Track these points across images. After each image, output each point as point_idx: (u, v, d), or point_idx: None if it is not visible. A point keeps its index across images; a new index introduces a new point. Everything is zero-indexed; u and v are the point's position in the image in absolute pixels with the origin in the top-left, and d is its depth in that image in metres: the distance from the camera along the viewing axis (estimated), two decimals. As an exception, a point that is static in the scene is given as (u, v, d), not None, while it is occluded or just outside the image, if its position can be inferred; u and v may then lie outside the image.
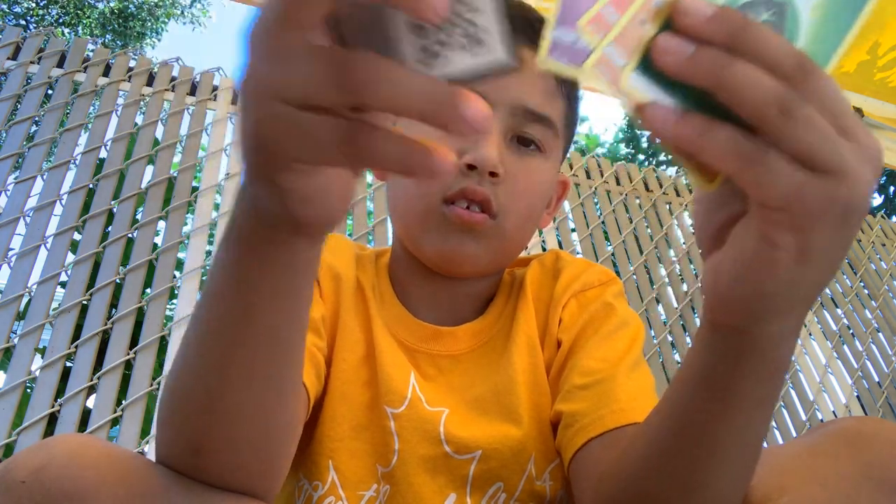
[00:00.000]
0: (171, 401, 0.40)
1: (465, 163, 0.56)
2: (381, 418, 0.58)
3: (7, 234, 1.55)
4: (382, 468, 0.57)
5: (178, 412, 0.39)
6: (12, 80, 1.77)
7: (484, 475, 0.57)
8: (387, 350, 0.60)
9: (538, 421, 0.60)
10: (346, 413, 0.58)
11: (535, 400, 0.61)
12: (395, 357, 0.61)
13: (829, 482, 0.40)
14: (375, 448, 0.58)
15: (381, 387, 0.59)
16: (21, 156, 1.70)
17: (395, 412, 0.58)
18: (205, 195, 1.77)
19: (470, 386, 0.61)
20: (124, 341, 1.49)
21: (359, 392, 0.59)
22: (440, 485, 0.57)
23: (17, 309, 1.47)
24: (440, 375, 0.62)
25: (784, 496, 0.40)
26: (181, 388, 0.39)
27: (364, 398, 0.59)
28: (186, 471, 0.39)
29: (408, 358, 0.62)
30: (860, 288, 2.59)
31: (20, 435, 1.31)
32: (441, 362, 0.63)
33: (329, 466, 0.57)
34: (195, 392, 0.38)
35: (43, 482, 0.35)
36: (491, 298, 0.67)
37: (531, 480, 0.58)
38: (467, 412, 0.59)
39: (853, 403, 2.21)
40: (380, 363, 0.60)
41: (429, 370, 0.62)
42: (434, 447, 0.57)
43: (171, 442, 0.40)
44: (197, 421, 0.38)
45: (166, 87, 1.91)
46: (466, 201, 0.57)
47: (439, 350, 0.63)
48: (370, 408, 0.59)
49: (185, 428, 0.39)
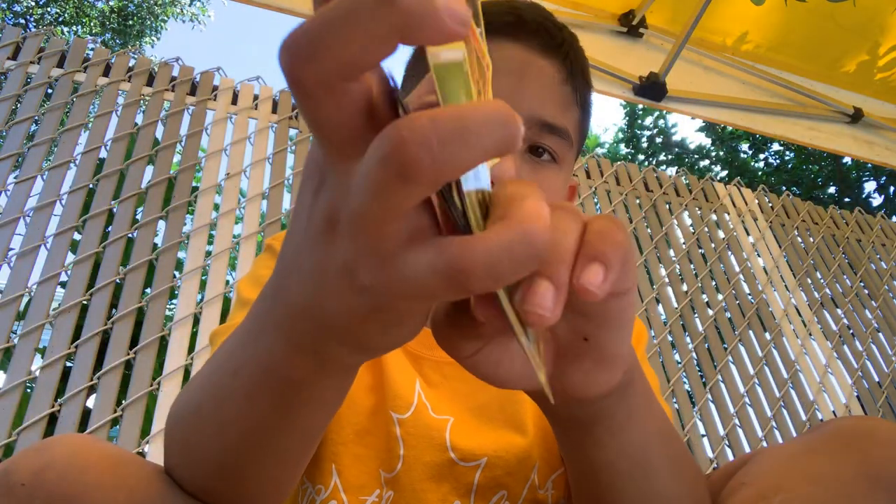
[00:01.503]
0: (180, 439, 0.39)
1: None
2: (387, 423, 0.58)
3: (7, 234, 1.55)
4: (386, 474, 0.57)
5: (185, 453, 0.39)
6: (12, 80, 1.77)
7: (489, 483, 0.57)
8: (392, 355, 0.60)
9: (543, 429, 0.60)
10: (350, 417, 0.58)
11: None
12: (400, 363, 0.60)
13: (825, 481, 0.39)
14: (379, 453, 0.58)
15: (386, 392, 0.58)
16: (21, 156, 1.70)
17: (401, 418, 0.57)
18: (205, 195, 1.77)
19: (474, 393, 0.61)
20: (124, 341, 1.49)
21: (363, 397, 0.59)
22: (445, 492, 0.56)
23: (17, 309, 1.47)
24: (445, 382, 0.62)
25: (779, 494, 0.40)
26: (193, 438, 0.38)
27: (368, 403, 0.59)
28: (191, 495, 0.40)
29: (412, 364, 0.61)
30: (860, 288, 2.59)
31: (20, 435, 1.31)
32: (446, 369, 0.62)
33: (332, 470, 0.57)
34: (208, 455, 0.37)
35: (44, 484, 0.35)
36: None
37: (534, 489, 0.58)
38: (472, 420, 0.59)
39: (853, 403, 2.21)
40: (385, 368, 0.59)
41: (433, 377, 0.62)
42: (440, 454, 0.57)
43: (176, 468, 0.40)
44: (205, 473, 0.38)
45: (166, 87, 1.91)
46: None
47: (443, 357, 0.62)
48: (374, 413, 0.59)
49: (191, 471, 0.39)
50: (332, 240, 0.23)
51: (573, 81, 0.60)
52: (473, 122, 0.18)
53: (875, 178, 8.60)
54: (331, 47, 0.18)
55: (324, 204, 0.23)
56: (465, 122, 0.18)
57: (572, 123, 0.61)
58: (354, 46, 0.18)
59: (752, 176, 9.33)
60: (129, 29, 10.05)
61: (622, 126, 10.60)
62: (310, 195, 0.24)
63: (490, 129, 0.18)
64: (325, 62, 0.18)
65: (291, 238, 0.26)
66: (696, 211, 2.48)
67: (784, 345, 2.26)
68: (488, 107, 0.19)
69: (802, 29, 2.12)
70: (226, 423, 0.35)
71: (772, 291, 2.39)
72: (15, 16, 9.32)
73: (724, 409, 2.03)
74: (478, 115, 0.18)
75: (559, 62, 0.59)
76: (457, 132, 0.18)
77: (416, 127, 0.18)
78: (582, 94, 0.62)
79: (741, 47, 2.18)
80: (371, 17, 0.18)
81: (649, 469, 0.39)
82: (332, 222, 0.23)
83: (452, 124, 0.18)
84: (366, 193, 0.19)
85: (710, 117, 2.18)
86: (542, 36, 0.59)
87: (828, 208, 2.83)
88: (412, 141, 0.18)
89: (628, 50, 2.08)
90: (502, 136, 0.19)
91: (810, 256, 2.58)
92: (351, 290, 0.23)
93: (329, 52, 0.18)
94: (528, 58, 0.58)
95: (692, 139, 17.68)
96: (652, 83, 2.00)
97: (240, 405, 0.33)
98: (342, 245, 0.22)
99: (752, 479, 0.42)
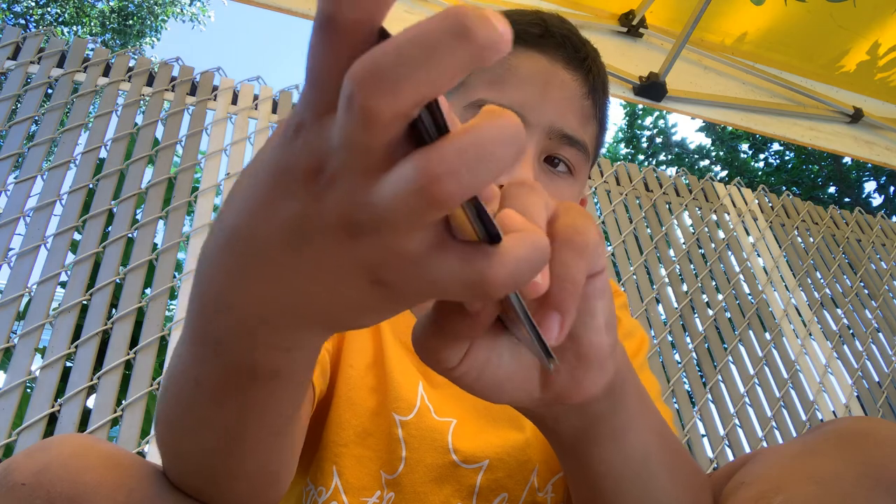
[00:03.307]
0: (163, 440, 0.38)
1: (499, 184, 0.56)
2: (389, 425, 0.58)
3: (7, 234, 1.55)
4: (387, 475, 0.57)
5: (169, 453, 0.38)
6: (12, 80, 1.77)
7: (490, 485, 0.57)
8: (395, 356, 0.60)
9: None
10: (351, 419, 0.58)
11: None
12: (403, 364, 0.60)
13: (825, 481, 0.39)
14: (380, 455, 0.57)
15: (389, 393, 0.58)
16: (21, 156, 1.70)
17: (403, 420, 0.57)
18: (205, 195, 1.77)
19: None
20: (124, 341, 1.49)
21: (365, 398, 0.59)
22: (446, 494, 0.56)
23: (17, 309, 1.47)
24: (448, 383, 0.62)
25: (779, 494, 0.40)
26: (171, 439, 0.37)
27: (370, 404, 0.59)
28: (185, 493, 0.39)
29: (415, 365, 0.61)
30: (860, 288, 2.59)
31: (20, 435, 1.31)
32: None
33: (333, 471, 0.57)
34: (190, 456, 0.37)
35: (43, 484, 0.35)
36: None
37: (533, 492, 0.58)
38: (475, 421, 0.59)
39: (853, 403, 2.21)
40: (388, 370, 0.59)
41: (436, 378, 0.61)
42: (442, 456, 0.57)
43: (168, 469, 0.40)
44: (191, 471, 0.38)
45: (166, 87, 1.91)
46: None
47: None
48: (376, 414, 0.58)
49: (179, 470, 0.38)
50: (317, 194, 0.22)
51: (594, 96, 0.61)
52: (492, 144, 0.19)
53: (875, 178, 8.61)
54: (412, 83, 0.19)
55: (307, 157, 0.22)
56: (487, 147, 0.19)
57: (590, 137, 0.62)
58: (435, 81, 0.19)
59: (752, 176, 9.33)
60: (129, 29, 10.05)
61: (622, 126, 10.60)
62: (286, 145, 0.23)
63: (507, 148, 0.19)
64: (405, 97, 0.19)
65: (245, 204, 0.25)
66: (696, 211, 2.48)
67: (784, 345, 2.26)
68: (504, 125, 0.20)
69: (802, 29, 2.12)
70: (198, 427, 0.34)
71: (772, 291, 2.39)
72: (15, 16, 9.33)
73: (724, 409, 2.04)
74: (495, 134, 0.19)
75: (582, 76, 0.60)
76: (481, 158, 0.19)
77: (446, 159, 0.19)
78: (601, 110, 0.63)
79: (741, 47, 2.18)
80: (451, 53, 0.18)
81: (649, 475, 0.39)
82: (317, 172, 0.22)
83: (476, 151, 0.19)
84: (394, 213, 0.20)
85: (710, 117, 2.18)
86: (568, 49, 0.60)
87: (828, 208, 2.83)
88: (444, 173, 0.19)
89: (628, 50, 2.08)
90: (517, 151, 0.20)
91: (810, 256, 2.58)
92: (369, 285, 0.23)
93: (410, 87, 0.19)
94: (552, 69, 0.59)
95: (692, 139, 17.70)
96: (652, 83, 2.01)
97: (208, 411, 0.33)
98: (365, 243, 0.22)
99: (752, 479, 0.42)
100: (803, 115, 2.29)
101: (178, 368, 0.33)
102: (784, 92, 2.26)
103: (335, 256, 0.23)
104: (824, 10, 2.05)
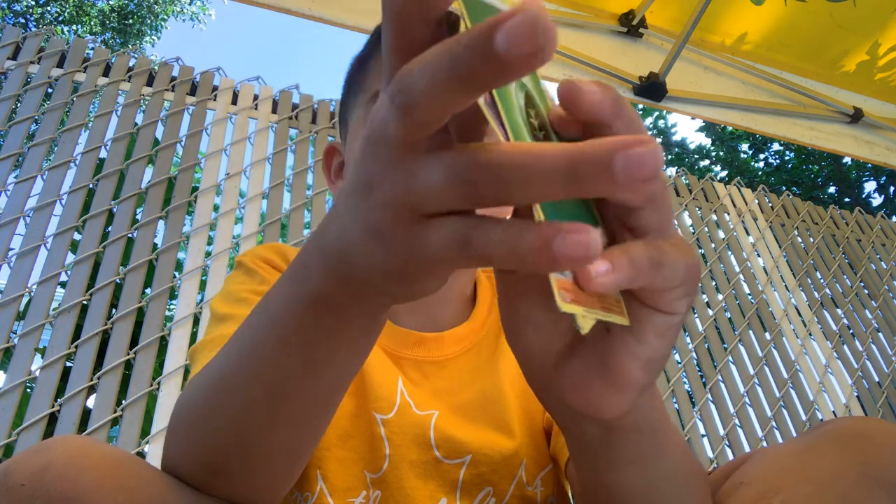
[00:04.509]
0: (194, 416, 0.39)
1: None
2: (370, 425, 0.58)
3: (7, 234, 1.55)
4: (372, 475, 0.58)
5: (199, 428, 0.39)
6: (12, 80, 1.77)
7: (474, 480, 0.58)
8: (372, 358, 0.60)
9: (530, 428, 0.60)
10: (331, 422, 0.58)
11: (526, 407, 0.61)
12: (382, 364, 0.61)
13: (825, 481, 0.39)
14: (363, 455, 0.58)
15: (368, 394, 0.59)
16: (21, 156, 1.70)
17: (384, 418, 0.58)
18: (205, 195, 1.77)
19: (456, 391, 0.61)
20: (124, 341, 1.49)
21: (343, 401, 0.59)
22: (431, 489, 0.57)
23: (17, 309, 1.47)
24: (425, 381, 0.62)
25: (779, 494, 0.40)
26: (210, 409, 0.38)
27: (349, 407, 0.59)
28: (195, 484, 0.39)
29: (394, 364, 0.62)
30: (860, 288, 2.59)
31: (20, 435, 1.31)
32: (426, 368, 0.63)
33: (317, 476, 0.57)
34: (228, 422, 0.37)
35: (43, 485, 0.35)
36: (472, 295, 0.68)
37: (521, 486, 0.59)
38: (454, 418, 0.60)
39: (853, 403, 2.21)
40: (365, 372, 0.60)
41: (414, 375, 0.62)
42: (424, 452, 0.58)
43: (185, 454, 0.40)
44: (221, 444, 0.38)
45: (166, 87, 1.91)
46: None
47: (424, 356, 0.63)
48: (355, 416, 0.59)
49: (204, 447, 0.38)
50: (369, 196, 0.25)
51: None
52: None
53: (875, 178, 8.61)
54: (452, 98, 0.21)
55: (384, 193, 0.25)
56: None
57: None
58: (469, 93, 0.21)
59: (752, 176, 9.33)
60: (129, 28, 10.05)
61: (622, 126, 10.59)
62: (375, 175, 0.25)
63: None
64: (444, 107, 0.21)
65: (339, 194, 0.29)
66: (696, 211, 2.48)
67: (784, 345, 2.26)
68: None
69: (802, 29, 2.12)
70: (251, 378, 0.35)
71: (772, 291, 2.39)
72: (15, 15, 9.33)
73: (724, 409, 2.04)
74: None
75: None
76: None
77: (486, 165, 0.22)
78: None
79: (741, 47, 2.18)
80: (484, 67, 0.19)
81: (665, 490, 0.38)
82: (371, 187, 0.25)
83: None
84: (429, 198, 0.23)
85: (710, 117, 2.18)
86: None
87: (828, 208, 2.83)
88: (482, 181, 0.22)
89: (628, 50, 2.08)
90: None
91: (810, 256, 2.58)
92: (380, 241, 0.25)
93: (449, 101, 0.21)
94: None
95: (692, 139, 17.67)
96: (652, 83, 2.00)
97: (271, 353, 0.34)
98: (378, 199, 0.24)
99: (751, 478, 0.42)
100: (803, 115, 2.29)
101: (247, 320, 0.36)
102: (784, 92, 2.26)
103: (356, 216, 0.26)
104: (824, 10, 2.05)
